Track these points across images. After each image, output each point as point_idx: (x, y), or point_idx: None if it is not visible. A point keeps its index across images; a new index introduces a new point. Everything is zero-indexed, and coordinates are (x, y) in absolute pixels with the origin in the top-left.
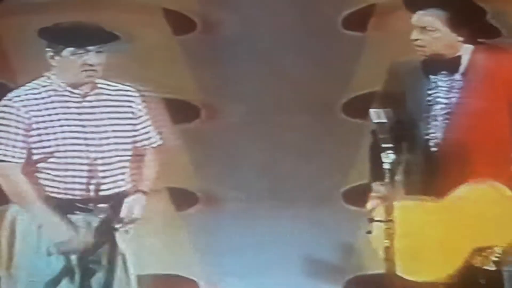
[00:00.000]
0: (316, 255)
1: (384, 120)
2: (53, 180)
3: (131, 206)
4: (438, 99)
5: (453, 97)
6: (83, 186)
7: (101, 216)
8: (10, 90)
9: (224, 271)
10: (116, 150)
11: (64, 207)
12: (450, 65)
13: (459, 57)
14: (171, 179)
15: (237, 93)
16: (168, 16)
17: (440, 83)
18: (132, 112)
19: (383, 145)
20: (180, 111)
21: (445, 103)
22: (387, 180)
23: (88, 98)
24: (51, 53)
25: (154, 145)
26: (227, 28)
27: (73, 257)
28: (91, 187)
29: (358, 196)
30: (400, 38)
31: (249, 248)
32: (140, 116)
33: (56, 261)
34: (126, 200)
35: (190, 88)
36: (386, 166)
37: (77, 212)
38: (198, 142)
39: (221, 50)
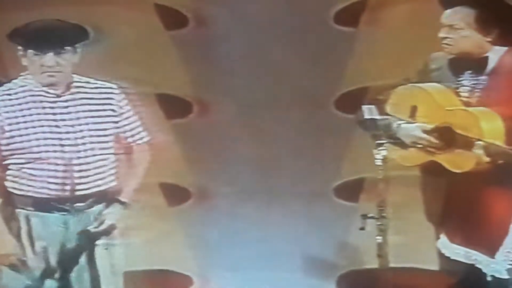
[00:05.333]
0: (309, 250)
1: (377, 117)
2: (29, 179)
3: (102, 219)
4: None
5: (474, 97)
6: (58, 186)
7: (79, 215)
8: (1, 85)
9: (217, 265)
10: (93, 149)
11: (41, 206)
12: (477, 65)
13: (486, 58)
14: (164, 174)
15: (230, 89)
16: (160, 11)
17: (465, 82)
18: (113, 110)
19: (376, 142)
20: (173, 107)
21: (465, 102)
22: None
23: (63, 98)
24: (21, 53)
25: (140, 142)
26: (219, 23)
27: (52, 258)
28: (67, 186)
29: (351, 191)
30: (392, 33)
31: (241, 243)
32: (122, 113)
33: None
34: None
35: (182, 83)
36: (378, 162)
37: (54, 211)
38: (190, 137)
39: (213, 45)
